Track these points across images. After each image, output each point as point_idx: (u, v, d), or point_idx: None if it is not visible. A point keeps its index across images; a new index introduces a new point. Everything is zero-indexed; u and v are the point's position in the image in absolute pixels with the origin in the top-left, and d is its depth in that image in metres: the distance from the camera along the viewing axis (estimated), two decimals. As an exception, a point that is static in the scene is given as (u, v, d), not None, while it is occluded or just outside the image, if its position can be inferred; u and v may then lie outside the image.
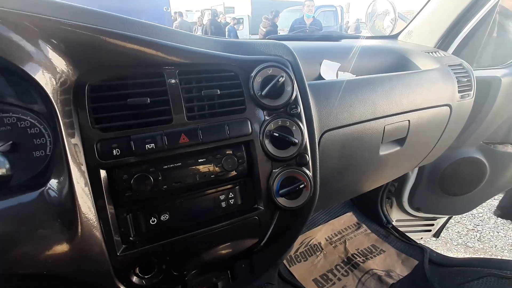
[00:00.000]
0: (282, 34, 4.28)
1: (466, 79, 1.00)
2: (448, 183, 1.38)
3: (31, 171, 0.49)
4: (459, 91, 0.97)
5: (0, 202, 0.40)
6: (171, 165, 0.51)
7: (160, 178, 0.49)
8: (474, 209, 1.67)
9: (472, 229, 2.12)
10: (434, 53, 1.07)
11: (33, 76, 0.40)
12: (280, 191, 0.58)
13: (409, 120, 0.86)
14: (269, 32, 5.93)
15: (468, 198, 1.44)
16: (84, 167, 0.44)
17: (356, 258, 1.25)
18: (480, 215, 2.27)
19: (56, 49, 0.42)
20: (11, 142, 0.48)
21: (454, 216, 2.09)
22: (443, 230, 1.69)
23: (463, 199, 1.45)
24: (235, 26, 8.16)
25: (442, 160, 1.26)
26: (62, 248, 0.42)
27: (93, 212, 0.44)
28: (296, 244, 1.31)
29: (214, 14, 8.70)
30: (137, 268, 0.50)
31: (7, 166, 0.31)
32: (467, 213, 2.06)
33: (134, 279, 0.50)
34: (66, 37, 0.42)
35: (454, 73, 0.98)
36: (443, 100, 0.93)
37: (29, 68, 0.40)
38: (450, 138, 1.10)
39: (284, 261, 1.22)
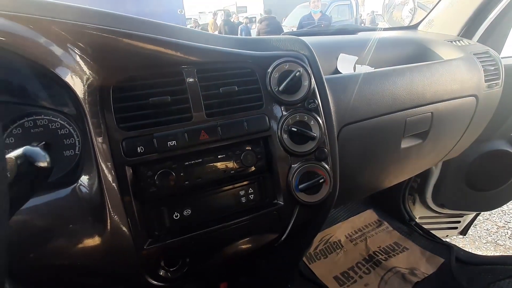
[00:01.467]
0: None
1: (493, 68, 0.95)
2: (475, 178, 1.31)
3: (63, 169, 0.52)
4: (486, 80, 0.92)
5: (38, 198, 0.43)
6: (192, 162, 0.52)
7: (182, 174, 0.51)
8: (505, 205, 1.58)
9: (503, 226, 2.01)
10: (457, 41, 1.02)
11: (63, 79, 0.43)
12: (300, 186, 0.58)
13: (432, 112, 0.83)
14: (272, 29, 5.73)
15: (497, 193, 1.37)
16: (111, 165, 0.46)
17: (377, 256, 1.22)
18: (511, 211, 2.16)
19: (83, 52, 0.44)
20: (44, 142, 0.51)
21: (483, 213, 2.00)
22: (471, 227, 1.62)
23: (491, 194, 1.38)
24: (248, 25, 8.16)
25: (468, 154, 1.21)
26: (94, 241, 0.45)
27: (121, 207, 0.46)
28: (315, 241, 1.30)
29: (227, 15, 8.75)
30: (162, 262, 0.52)
31: (48, 159, 0.33)
32: (497, 210, 1.96)
33: (161, 272, 0.52)
34: (91, 41, 0.44)
35: (480, 61, 0.93)
36: (468, 91, 0.89)
37: (59, 72, 0.42)
38: (477, 131, 1.05)
39: (304, 258, 1.21)
